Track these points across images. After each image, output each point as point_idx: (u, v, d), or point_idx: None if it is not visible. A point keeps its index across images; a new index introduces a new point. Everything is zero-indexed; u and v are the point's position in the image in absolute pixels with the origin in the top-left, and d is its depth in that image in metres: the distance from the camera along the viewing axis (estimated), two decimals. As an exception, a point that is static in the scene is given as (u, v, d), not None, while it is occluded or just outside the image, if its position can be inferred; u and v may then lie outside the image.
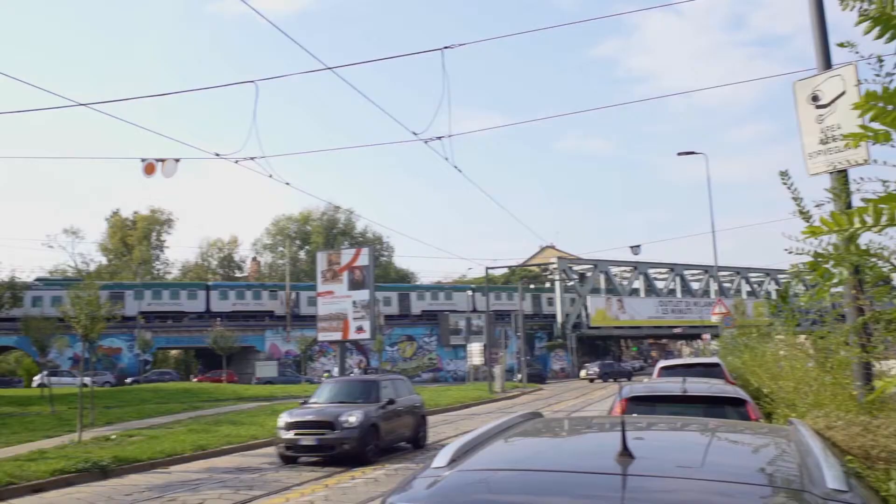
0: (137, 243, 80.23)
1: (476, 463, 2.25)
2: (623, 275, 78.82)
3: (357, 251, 34.69)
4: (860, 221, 2.19)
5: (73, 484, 12.49)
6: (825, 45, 6.64)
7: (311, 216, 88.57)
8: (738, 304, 34.37)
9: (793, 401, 6.55)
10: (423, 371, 67.85)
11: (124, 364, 57.70)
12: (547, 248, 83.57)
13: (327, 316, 32.40)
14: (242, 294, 63.85)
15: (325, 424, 14.19)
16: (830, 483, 1.86)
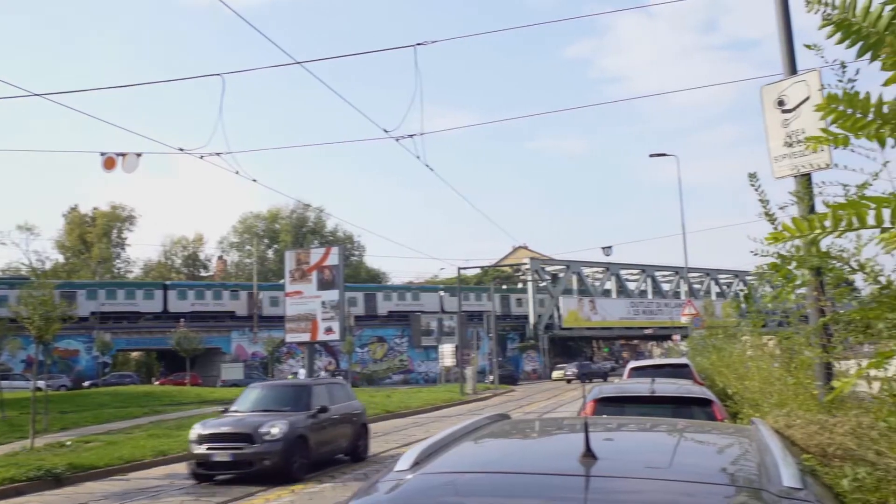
0: (97, 241, 78.08)
1: (440, 465, 2.23)
2: (595, 276, 79.25)
3: (327, 250, 33.98)
4: (820, 226, 2.22)
5: (23, 493, 12.12)
6: (791, 50, 6.87)
7: (279, 214, 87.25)
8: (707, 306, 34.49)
9: (758, 401, 6.74)
10: (394, 373, 67.17)
11: (82, 367, 55.61)
12: (519, 248, 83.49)
13: (295, 317, 31.61)
14: (202, 294, 61.72)
15: (242, 437, 12.48)
16: (787, 481, 1.89)
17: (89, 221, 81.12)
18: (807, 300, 5.54)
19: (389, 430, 21.76)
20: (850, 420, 3.76)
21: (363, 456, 15.14)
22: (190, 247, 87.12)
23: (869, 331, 3.63)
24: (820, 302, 4.94)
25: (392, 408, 28.72)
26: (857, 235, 3.01)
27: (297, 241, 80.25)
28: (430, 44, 14.14)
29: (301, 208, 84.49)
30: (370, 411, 26.43)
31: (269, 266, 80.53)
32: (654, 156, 34.67)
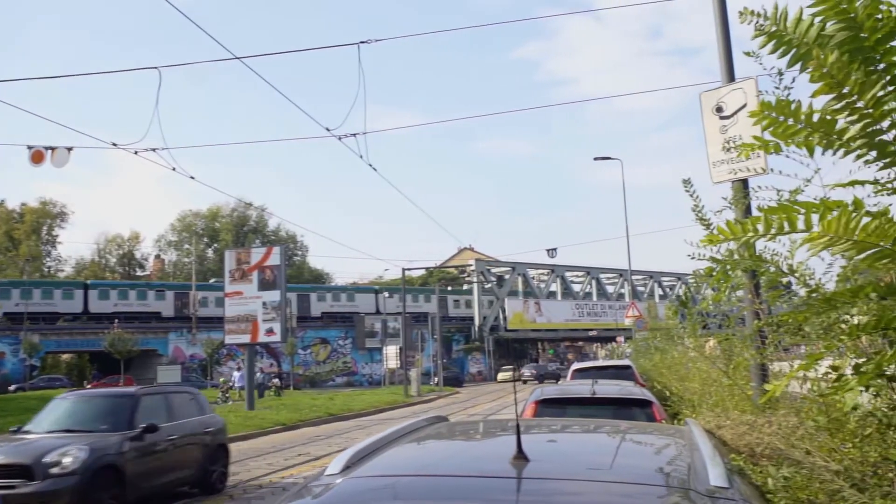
0: (25, 238, 75.38)
1: (371, 469, 2.20)
2: (540, 277, 79.82)
3: (268, 250, 33.22)
4: (753, 230, 2.26)
5: None
6: (729, 58, 7.00)
7: (220, 213, 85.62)
8: (650, 308, 35.03)
9: (697, 402, 6.79)
10: (338, 375, 66.58)
11: (7, 370, 53.32)
12: (465, 249, 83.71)
13: (235, 317, 30.88)
14: (125, 294, 59.39)
15: (16, 471, 8.83)
16: (713, 481, 1.91)
17: (17, 217, 78.25)
18: (743, 303, 5.61)
19: (331, 433, 21.53)
20: (778, 420, 3.81)
21: (219, 487, 11.75)
22: (125, 245, 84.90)
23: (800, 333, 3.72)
24: (755, 305, 5.01)
25: (335, 410, 28.47)
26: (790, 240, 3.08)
27: (237, 240, 78.99)
28: (374, 42, 14.06)
29: (242, 207, 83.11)
30: (312, 414, 26.30)
31: (209, 265, 78.97)
32: (598, 159, 35.00)
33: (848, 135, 2.17)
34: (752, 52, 3.08)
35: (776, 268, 3.22)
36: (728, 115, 6.38)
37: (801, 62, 2.13)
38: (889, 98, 2.05)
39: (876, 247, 2.02)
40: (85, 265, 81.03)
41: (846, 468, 2.85)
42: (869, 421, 2.76)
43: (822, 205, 2.14)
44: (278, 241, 75.27)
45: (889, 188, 2.23)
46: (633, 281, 74.72)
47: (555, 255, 51.21)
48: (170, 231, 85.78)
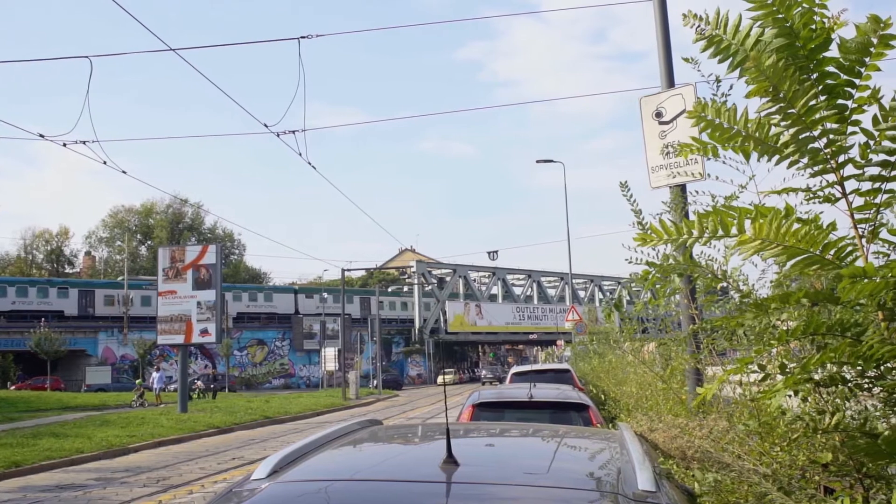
0: (-56, 230, 72.29)
1: (298, 474, 2.16)
2: (482, 280, 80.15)
3: (204, 248, 32.48)
4: (687, 232, 2.28)
5: None
6: (669, 64, 7.06)
7: (154, 209, 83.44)
8: (590, 312, 35.40)
9: (633, 406, 6.86)
10: (275, 377, 65.63)
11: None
12: (406, 251, 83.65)
13: (168, 317, 30.12)
14: (24, 291, 56.63)
15: None
16: (641, 484, 1.93)
17: (-67, 210, 75.01)
18: (679, 308, 5.71)
19: (266, 436, 21.18)
20: (709, 424, 3.87)
21: None
22: (54, 241, 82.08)
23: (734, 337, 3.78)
24: (690, 309, 5.07)
25: (271, 413, 28.02)
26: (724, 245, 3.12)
27: (172, 237, 77.29)
28: (315, 37, 13.82)
29: (177, 203, 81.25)
30: (247, 417, 25.85)
31: (142, 263, 77.01)
32: (540, 161, 35.22)
33: (781, 141, 2.20)
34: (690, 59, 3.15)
35: (711, 273, 3.27)
36: (667, 120, 6.45)
37: (739, 69, 2.15)
38: (821, 106, 2.09)
39: (806, 253, 2.05)
40: (10, 261, 78.05)
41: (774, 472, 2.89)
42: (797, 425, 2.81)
43: (756, 210, 2.17)
44: (214, 240, 73.93)
45: (820, 196, 2.27)
46: (574, 285, 75.63)
47: (496, 258, 51.67)
48: (101, 227, 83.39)
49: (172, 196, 75.86)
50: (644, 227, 4.43)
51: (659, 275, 3.28)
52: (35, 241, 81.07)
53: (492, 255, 50.47)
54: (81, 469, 14.86)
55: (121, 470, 14.49)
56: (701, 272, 3.27)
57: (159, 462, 15.54)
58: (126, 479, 13.29)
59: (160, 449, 18.25)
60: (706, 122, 2.27)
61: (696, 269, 3.25)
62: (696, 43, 2.23)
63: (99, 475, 13.81)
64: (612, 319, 7.88)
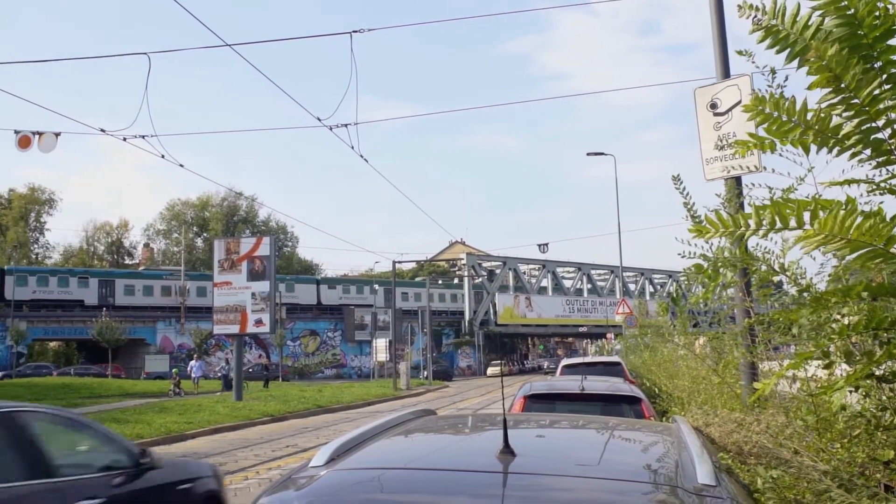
0: (13, 224, 74.73)
1: (356, 462, 2.18)
2: (531, 273, 79.89)
3: (258, 240, 33.06)
4: (744, 224, 2.22)
5: None
6: (725, 54, 6.95)
7: (209, 202, 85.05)
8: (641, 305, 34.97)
9: (686, 400, 6.77)
10: (327, 367, 66.49)
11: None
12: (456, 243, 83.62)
13: (224, 308, 30.76)
14: (45, 280, 57.29)
15: None
16: (701, 478, 1.91)
17: (5, 204, 77.58)
18: (734, 301, 5.61)
19: (319, 425, 21.50)
20: (767, 419, 3.80)
21: None
22: (114, 233, 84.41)
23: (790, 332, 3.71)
24: (745, 303, 4.98)
25: (323, 402, 28.42)
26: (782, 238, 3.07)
27: (227, 229, 78.65)
28: (367, 31, 13.87)
29: (232, 196, 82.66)
30: (300, 406, 26.25)
31: (198, 255, 78.64)
32: (591, 154, 35.15)
33: (843, 132, 2.15)
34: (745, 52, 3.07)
35: (767, 266, 3.22)
36: (722, 111, 6.34)
37: (798, 59, 2.10)
38: (885, 96, 2.04)
39: (869, 246, 2.00)
40: (73, 252, 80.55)
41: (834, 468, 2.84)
42: (857, 421, 2.76)
43: (815, 203, 2.13)
44: (268, 232, 75.00)
45: (883, 188, 2.22)
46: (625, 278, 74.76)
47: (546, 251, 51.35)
48: (159, 219, 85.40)
49: (227, 189, 77.31)
50: (698, 220, 4.35)
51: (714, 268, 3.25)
52: (96, 233, 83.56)
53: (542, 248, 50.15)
54: (141, 454, 15.28)
55: (178, 456, 14.86)
56: (758, 265, 3.22)
57: (215, 448, 15.91)
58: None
59: (216, 436, 18.67)
60: (763, 115, 2.22)
61: (752, 262, 3.19)
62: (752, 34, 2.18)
63: (158, 460, 14.18)
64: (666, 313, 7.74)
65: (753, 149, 2.45)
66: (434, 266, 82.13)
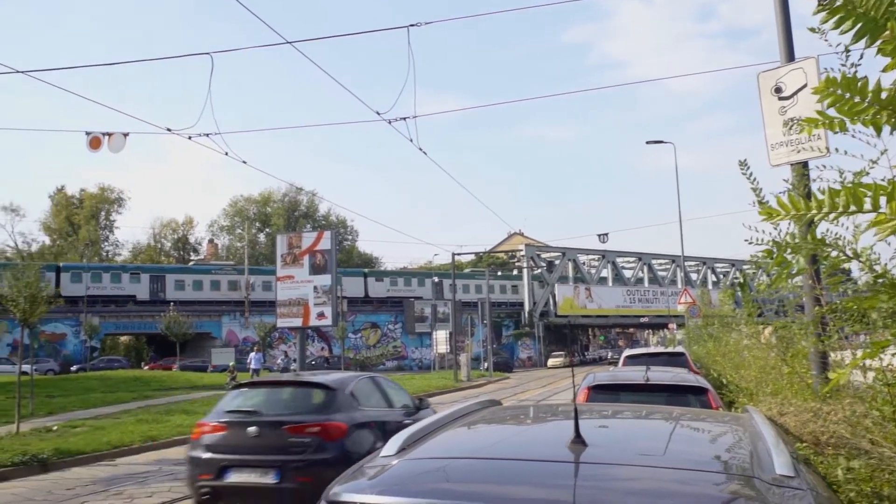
0: (84, 223, 77.45)
1: (426, 451, 2.21)
2: (591, 263, 79.25)
3: (319, 234, 33.46)
4: (816, 207, 2.17)
5: (8, 478, 11.85)
6: (789, 37, 6.81)
7: (271, 197, 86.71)
8: (703, 294, 34.37)
9: (753, 390, 6.67)
10: (388, 359, 67.11)
11: (69, 351, 55.28)
12: (515, 234, 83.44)
13: (287, 301, 31.28)
14: (99, 277, 58.63)
15: None
16: (779, 469, 1.89)
17: (76, 203, 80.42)
18: (802, 289, 5.51)
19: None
20: (844, 409, 3.73)
21: None
22: (180, 230, 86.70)
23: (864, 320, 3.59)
24: (815, 291, 4.89)
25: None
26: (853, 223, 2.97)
27: (289, 224, 79.98)
28: (424, 25, 13.93)
29: (293, 192, 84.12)
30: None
31: (261, 250, 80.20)
32: (650, 143, 34.74)
33: (920, 113, 2.08)
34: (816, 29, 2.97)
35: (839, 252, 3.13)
36: (787, 95, 6.21)
37: (869, 37, 2.04)
38: (964, 75, 1.96)
39: (949, 231, 1.93)
40: (141, 249, 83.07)
41: (916, 459, 2.76)
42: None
43: (891, 186, 2.06)
44: (329, 226, 76.00)
45: (963, 169, 2.14)
46: (686, 267, 73.52)
47: (606, 241, 50.77)
48: (222, 216, 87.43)
49: (288, 185, 78.62)
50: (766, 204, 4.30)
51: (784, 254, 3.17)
52: (163, 230, 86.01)
53: (602, 238, 49.59)
54: (210, 445, 15.69)
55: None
56: (828, 251, 3.10)
57: (281, 439, 16.19)
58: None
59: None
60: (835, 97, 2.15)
61: (824, 247, 3.10)
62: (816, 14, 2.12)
63: (226, 451, 14.53)
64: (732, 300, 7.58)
65: (821, 128, 2.37)
66: (493, 258, 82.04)
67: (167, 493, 10.32)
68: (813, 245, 3.01)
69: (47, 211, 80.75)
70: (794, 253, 3.21)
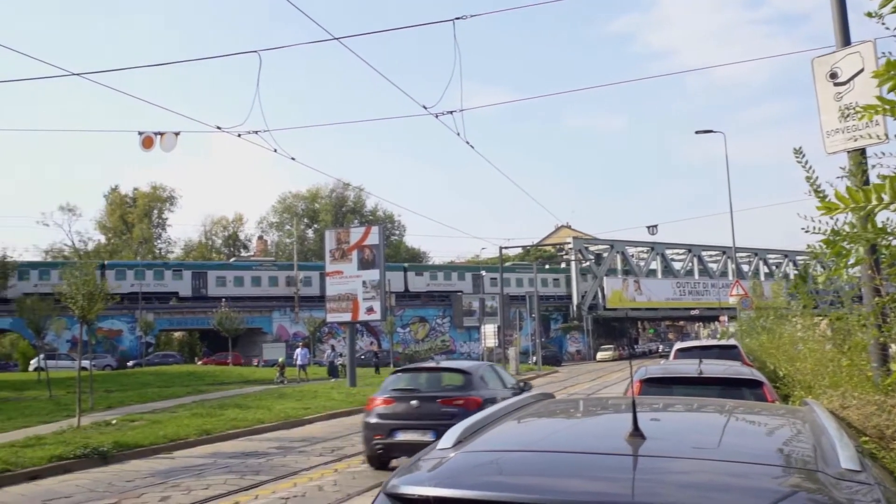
0: (138, 221, 79.27)
1: (483, 444, 2.21)
2: (640, 255, 78.45)
3: (367, 229, 33.65)
4: (877, 198, 2.13)
5: (71, 470, 12.17)
6: (844, 21, 6.65)
7: (319, 193, 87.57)
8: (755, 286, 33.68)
9: (810, 383, 6.54)
10: (437, 353, 67.21)
11: (125, 347, 56.83)
12: (562, 227, 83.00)
13: (336, 296, 31.55)
14: (142, 274, 59.40)
15: None
16: (844, 463, 1.84)
17: (130, 202, 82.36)
18: (861, 279, 5.41)
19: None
20: None
21: None
22: (230, 227, 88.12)
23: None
24: (875, 281, 4.78)
25: (434, 388, 28.67)
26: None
27: (336, 220, 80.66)
28: (470, 18, 13.87)
29: (341, 187, 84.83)
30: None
31: (309, 245, 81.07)
32: (700, 133, 34.07)
33: None
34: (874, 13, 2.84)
35: None
36: (843, 81, 6.08)
37: None
38: None
39: None
40: (193, 247, 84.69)
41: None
42: None
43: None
44: (376, 221, 76.43)
45: None
46: (738, 258, 72.14)
47: (655, 233, 49.93)
48: (271, 212, 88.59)
49: (336, 180, 79.20)
50: (821, 194, 4.17)
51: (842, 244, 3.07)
52: (214, 227, 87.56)
53: (651, 230, 48.76)
54: (263, 438, 15.89)
55: (297, 440, 15.38)
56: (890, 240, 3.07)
57: (332, 433, 16.35)
58: (303, 448, 14.10)
59: (332, 421, 19.19)
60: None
61: (885, 236, 3.04)
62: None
63: (279, 444, 14.72)
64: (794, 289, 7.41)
65: (881, 114, 2.33)
66: (540, 251, 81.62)
67: (223, 485, 10.47)
68: (873, 234, 2.97)
69: (102, 210, 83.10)
70: (853, 243, 3.17)
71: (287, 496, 9.65)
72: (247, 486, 10.34)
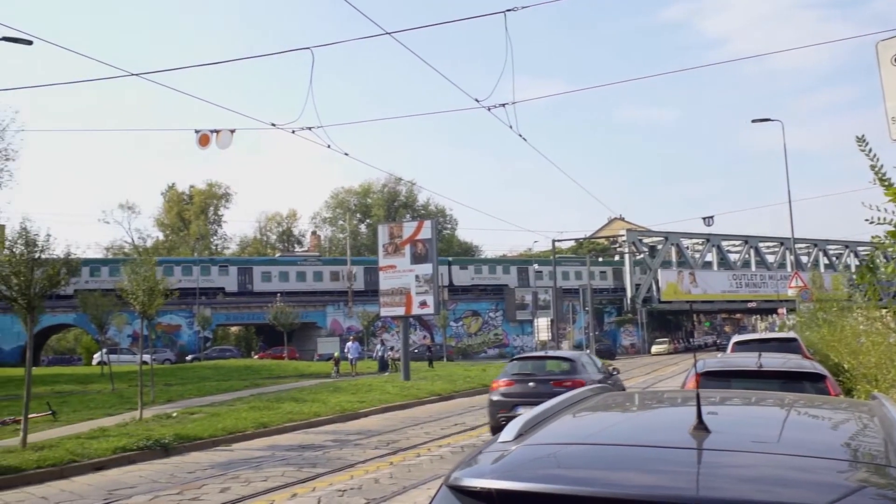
0: (194, 218, 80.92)
1: (544, 437, 2.20)
2: (695, 247, 77.12)
3: (419, 224, 33.71)
4: None
5: (134, 462, 12.54)
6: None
7: (371, 188, 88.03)
8: (815, 278, 32.77)
9: (874, 376, 6.39)
10: (489, 347, 67.19)
11: (184, 341, 58.15)
12: (615, 219, 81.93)
13: (389, 290, 31.68)
14: (189, 270, 59.49)
15: None
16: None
17: (187, 199, 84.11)
18: None
19: (485, 404, 21.61)
20: None
21: None
22: (284, 222, 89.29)
23: None
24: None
25: (487, 381, 28.49)
26: None
27: (389, 215, 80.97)
28: (521, 9, 13.71)
29: (393, 182, 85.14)
30: (465, 385, 26.60)
31: (362, 240, 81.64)
32: (756, 121, 33.15)
33: None
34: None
35: None
36: (911, 66, 5.79)
37: None
38: None
39: None
40: (248, 243, 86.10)
41: None
42: None
43: None
44: (428, 215, 76.55)
45: None
46: (796, 250, 70.34)
47: (711, 224, 48.91)
48: (324, 208, 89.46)
49: (388, 175, 79.50)
50: (886, 183, 4.02)
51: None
52: (268, 223, 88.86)
53: (707, 221, 47.78)
54: (319, 431, 16.05)
55: (353, 433, 15.48)
56: None
57: (387, 426, 16.44)
58: (359, 441, 14.19)
59: (387, 414, 19.30)
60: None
61: None
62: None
63: (335, 437, 14.86)
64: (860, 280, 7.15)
65: None
66: (593, 243, 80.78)
67: (280, 477, 10.59)
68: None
69: (160, 207, 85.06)
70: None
71: (344, 488, 9.71)
72: (304, 479, 10.42)
